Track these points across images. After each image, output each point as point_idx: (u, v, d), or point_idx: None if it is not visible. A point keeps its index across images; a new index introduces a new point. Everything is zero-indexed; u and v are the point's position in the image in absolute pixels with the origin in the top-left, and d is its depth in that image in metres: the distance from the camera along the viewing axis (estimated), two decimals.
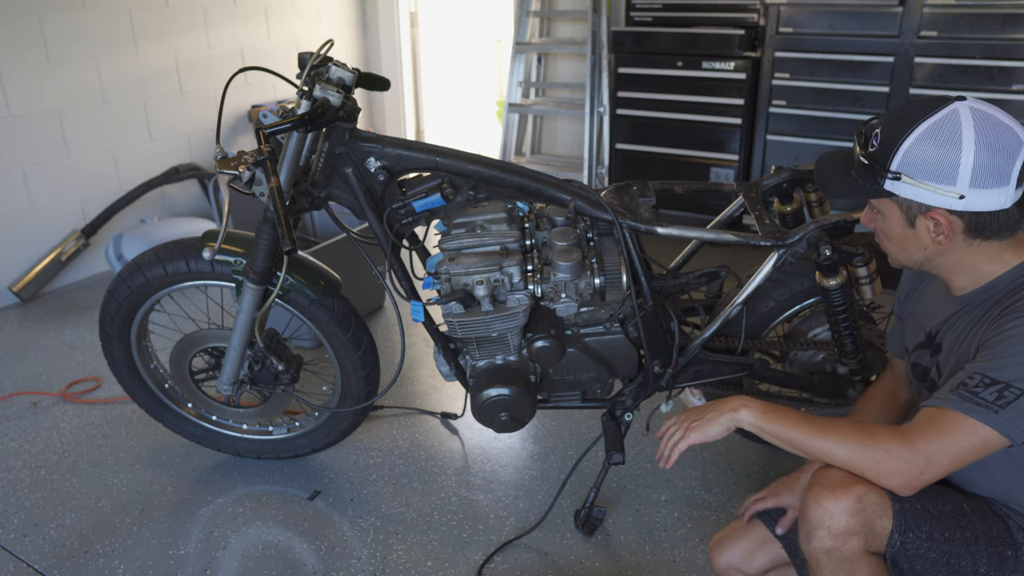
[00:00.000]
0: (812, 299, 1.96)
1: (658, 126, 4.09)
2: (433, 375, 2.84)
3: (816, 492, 1.26)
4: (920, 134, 1.22)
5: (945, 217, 1.23)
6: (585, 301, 1.83)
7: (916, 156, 1.22)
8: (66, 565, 1.95)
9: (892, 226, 1.31)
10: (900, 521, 1.24)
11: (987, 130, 1.19)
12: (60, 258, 3.63)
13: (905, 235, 1.30)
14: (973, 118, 1.20)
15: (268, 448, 2.32)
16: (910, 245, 1.31)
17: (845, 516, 1.22)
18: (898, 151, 1.23)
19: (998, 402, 1.15)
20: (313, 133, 1.79)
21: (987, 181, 1.19)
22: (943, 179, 1.20)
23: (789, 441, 1.30)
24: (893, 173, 1.24)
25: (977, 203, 1.21)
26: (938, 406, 1.20)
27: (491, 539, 2.02)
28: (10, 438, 2.48)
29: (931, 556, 1.25)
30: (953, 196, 1.21)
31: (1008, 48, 3.17)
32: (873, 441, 1.23)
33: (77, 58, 3.57)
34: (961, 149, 1.19)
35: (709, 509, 2.12)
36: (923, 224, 1.26)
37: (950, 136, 1.19)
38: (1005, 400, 1.14)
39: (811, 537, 1.25)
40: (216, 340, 2.16)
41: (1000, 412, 1.15)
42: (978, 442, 1.17)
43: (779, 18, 3.62)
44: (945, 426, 1.18)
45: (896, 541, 1.24)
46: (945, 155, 1.20)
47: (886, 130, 1.26)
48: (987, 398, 1.15)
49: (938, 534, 1.25)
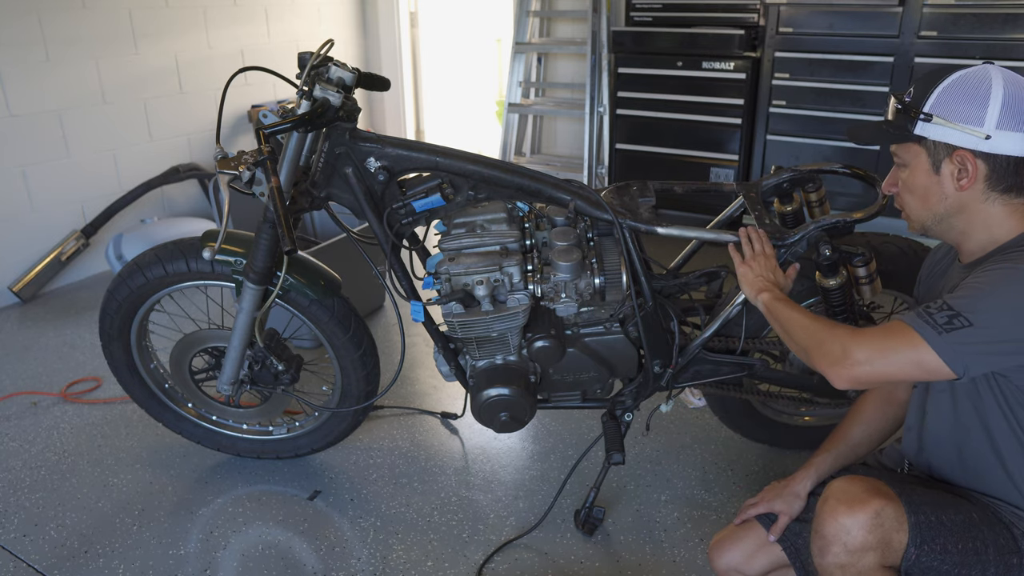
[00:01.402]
0: (812, 299, 1.96)
1: (658, 126, 4.09)
2: (433, 375, 2.84)
3: (832, 507, 1.25)
4: (952, 81, 1.29)
5: (971, 158, 1.28)
6: (585, 301, 1.83)
7: (947, 98, 1.28)
8: (66, 565, 1.95)
9: (917, 175, 1.34)
10: (916, 535, 1.23)
11: (1015, 82, 1.27)
12: (60, 258, 3.63)
13: (929, 183, 1.33)
14: (1002, 74, 1.28)
15: (268, 448, 2.32)
16: (932, 195, 1.34)
17: (863, 532, 1.21)
18: (931, 95, 1.30)
19: (945, 326, 1.18)
20: (313, 133, 1.79)
21: (1012, 124, 1.25)
22: (972, 120, 1.26)
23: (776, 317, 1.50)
24: (925, 115, 1.29)
25: (1001, 145, 1.26)
26: (898, 319, 1.26)
27: (491, 539, 2.02)
28: (10, 438, 2.48)
29: (944, 568, 1.25)
30: (980, 136, 1.26)
31: (1008, 48, 3.17)
32: (830, 327, 1.32)
33: (77, 58, 3.57)
34: (990, 93, 1.25)
35: (709, 509, 2.12)
36: (948, 169, 1.30)
37: (980, 82, 1.27)
38: (952, 327, 1.18)
39: (826, 552, 1.25)
40: (216, 340, 2.16)
41: (943, 335, 1.18)
42: (915, 356, 1.20)
43: (779, 18, 3.62)
44: (892, 331, 1.24)
45: (912, 555, 1.24)
46: (975, 97, 1.26)
47: (920, 83, 1.34)
48: (938, 320, 1.19)
49: (951, 546, 1.25)
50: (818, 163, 2.09)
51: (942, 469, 1.43)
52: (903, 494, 1.27)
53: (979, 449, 1.34)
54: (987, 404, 1.30)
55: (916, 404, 1.47)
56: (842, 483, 1.28)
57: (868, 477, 1.34)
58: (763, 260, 1.69)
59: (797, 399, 2.13)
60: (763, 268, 1.67)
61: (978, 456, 1.35)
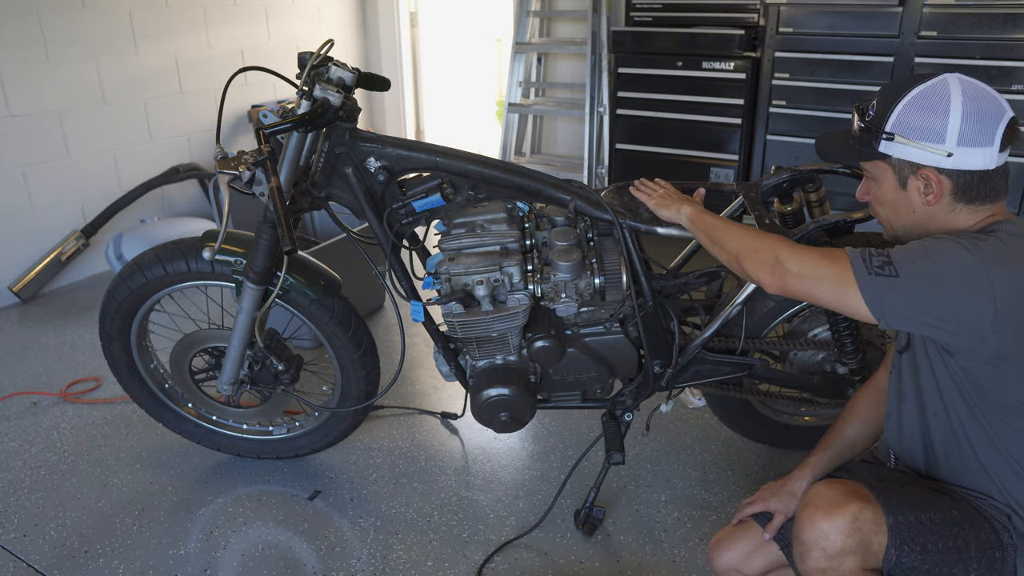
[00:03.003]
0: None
1: (658, 126, 4.09)
2: (433, 375, 2.84)
3: (810, 512, 1.25)
4: (912, 97, 1.30)
5: (935, 175, 1.29)
6: (585, 301, 1.83)
7: (908, 117, 1.29)
8: (66, 565, 1.95)
9: (885, 190, 1.37)
10: (895, 536, 1.24)
11: (973, 95, 1.27)
12: (60, 258, 3.63)
13: (897, 198, 1.35)
14: (961, 85, 1.28)
15: (268, 448, 2.32)
16: (901, 208, 1.36)
17: (841, 536, 1.22)
18: (892, 114, 1.31)
19: (877, 269, 1.24)
20: (313, 133, 1.79)
21: (973, 140, 1.25)
22: (933, 138, 1.27)
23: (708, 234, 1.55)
24: (887, 134, 1.31)
25: (964, 162, 1.27)
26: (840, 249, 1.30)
27: (491, 539, 2.02)
28: (10, 438, 2.48)
29: (925, 567, 1.25)
30: (942, 154, 1.27)
31: (1008, 48, 3.17)
32: (766, 238, 1.40)
33: (77, 58, 3.57)
34: (949, 110, 1.26)
35: (709, 509, 2.12)
36: (914, 184, 1.32)
37: (940, 99, 1.27)
38: (882, 273, 1.23)
39: (806, 558, 1.25)
40: (216, 340, 2.16)
41: (871, 276, 1.23)
42: (839, 283, 1.26)
43: (779, 18, 3.62)
44: (830, 255, 1.29)
45: (892, 556, 1.24)
46: (935, 116, 1.27)
47: (881, 99, 1.35)
48: (872, 262, 1.25)
49: (932, 545, 1.25)
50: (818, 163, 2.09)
51: (917, 456, 1.43)
52: (881, 496, 1.27)
53: (946, 438, 1.35)
54: (949, 390, 1.32)
55: (893, 388, 1.47)
56: (820, 488, 1.29)
57: (847, 480, 1.35)
58: (666, 189, 1.81)
59: (797, 399, 2.13)
60: (670, 192, 1.78)
61: (948, 444, 1.35)
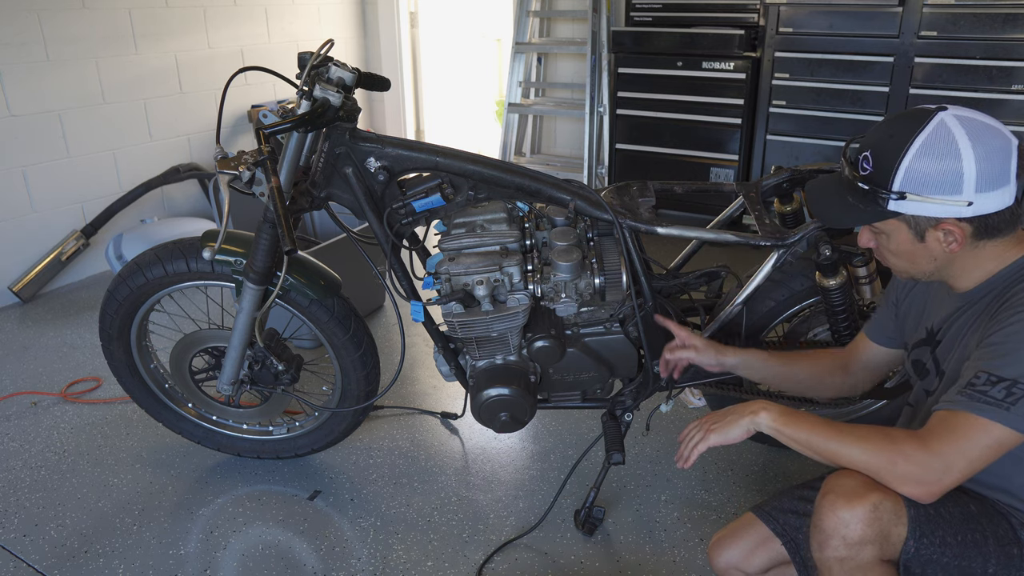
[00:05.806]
0: (812, 299, 1.96)
1: (658, 126, 4.09)
2: (433, 375, 2.84)
3: (831, 500, 1.24)
4: (917, 150, 1.23)
5: (956, 225, 1.25)
6: (585, 301, 1.83)
7: (918, 173, 1.23)
8: (66, 565, 1.95)
9: (899, 243, 1.32)
10: (915, 528, 1.23)
11: (979, 135, 1.21)
12: (60, 258, 3.63)
13: (915, 249, 1.31)
14: (962, 126, 1.21)
15: (268, 448, 2.32)
16: (920, 258, 1.32)
17: (861, 525, 1.21)
18: (898, 171, 1.24)
19: (1008, 399, 1.15)
20: (313, 133, 1.79)
21: (990, 184, 1.21)
22: (950, 190, 1.21)
23: (807, 444, 1.30)
24: (897, 193, 1.25)
25: (984, 207, 1.22)
26: (949, 409, 1.20)
27: (491, 539, 2.02)
28: (10, 438, 2.48)
29: (943, 560, 1.25)
30: (962, 204, 1.22)
31: (1008, 48, 3.17)
32: (891, 443, 1.22)
33: (77, 58, 3.57)
34: (961, 159, 1.20)
35: (709, 509, 2.12)
36: (933, 236, 1.27)
37: (948, 147, 1.21)
38: (1014, 396, 1.15)
39: (825, 546, 1.24)
40: (216, 340, 2.16)
41: (1011, 409, 1.14)
42: (992, 442, 1.16)
43: (779, 18, 3.62)
44: (958, 428, 1.18)
45: (911, 548, 1.23)
46: (948, 167, 1.21)
47: (878, 152, 1.28)
48: (996, 396, 1.15)
49: (951, 538, 1.25)
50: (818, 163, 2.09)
51: None
52: None
53: None
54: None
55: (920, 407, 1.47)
56: (840, 477, 1.28)
57: None
58: (712, 415, 1.45)
59: (797, 399, 2.13)
60: (719, 414, 1.43)
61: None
